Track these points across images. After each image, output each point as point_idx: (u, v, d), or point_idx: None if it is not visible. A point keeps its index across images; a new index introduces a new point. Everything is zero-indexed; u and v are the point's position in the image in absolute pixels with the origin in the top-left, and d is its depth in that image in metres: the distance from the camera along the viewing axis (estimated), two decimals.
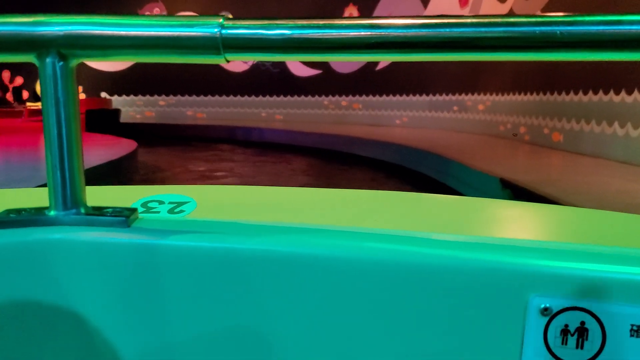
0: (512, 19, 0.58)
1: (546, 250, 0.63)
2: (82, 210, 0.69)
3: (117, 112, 13.48)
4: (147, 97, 16.07)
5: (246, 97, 15.37)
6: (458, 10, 11.22)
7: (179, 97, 15.85)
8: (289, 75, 14.82)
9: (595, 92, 6.64)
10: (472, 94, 10.43)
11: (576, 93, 7.07)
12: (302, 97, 14.76)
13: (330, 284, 0.64)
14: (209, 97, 15.64)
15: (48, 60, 0.64)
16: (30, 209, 0.70)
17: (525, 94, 8.52)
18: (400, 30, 0.60)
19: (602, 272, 0.59)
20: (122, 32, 0.63)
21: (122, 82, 15.91)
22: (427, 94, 12.09)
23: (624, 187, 4.74)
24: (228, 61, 0.64)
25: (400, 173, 7.85)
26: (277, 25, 0.62)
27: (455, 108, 11.13)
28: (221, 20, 0.62)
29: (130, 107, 16.05)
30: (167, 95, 15.91)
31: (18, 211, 0.69)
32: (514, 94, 8.93)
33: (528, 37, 0.57)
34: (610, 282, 0.58)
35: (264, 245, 0.66)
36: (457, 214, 0.89)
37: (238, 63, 15.11)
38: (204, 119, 15.36)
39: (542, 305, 0.59)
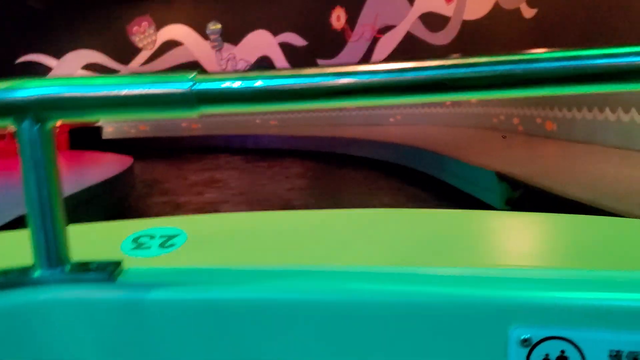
0: (473, 60, 0.59)
1: (524, 280, 0.64)
2: (67, 268, 0.70)
3: (99, 129, 13.69)
4: None
5: None
6: (444, 7, 11.25)
7: None
8: None
9: None
10: None
11: None
12: None
13: (317, 326, 0.65)
14: None
15: (25, 124, 0.65)
16: (16, 269, 0.70)
17: None
18: (365, 77, 0.61)
19: (580, 299, 0.60)
20: (97, 92, 0.65)
21: None
22: None
23: (620, 173, 4.76)
24: (202, 115, 0.66)
25: (396, 171, 7.86)
26: (248, 77, 0.63)
27: (448, 103, 11.14)
28: (193, 75, 0.64)
29: (124, 122, 16.03)
30: None
31: (4, 273, 0.70)
32: None
33: (489, 77, 0.59)
34: (587, 309, 0.59)
35: (250, 294, 0.67)
36: (437, 237, 0.89)
37: (229, 70, 15.09)
38: (199, 129, 15.35)
39: (522, 337, 0.60)
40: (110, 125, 15.91)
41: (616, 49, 0.57)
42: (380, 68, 0.61)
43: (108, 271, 0.70)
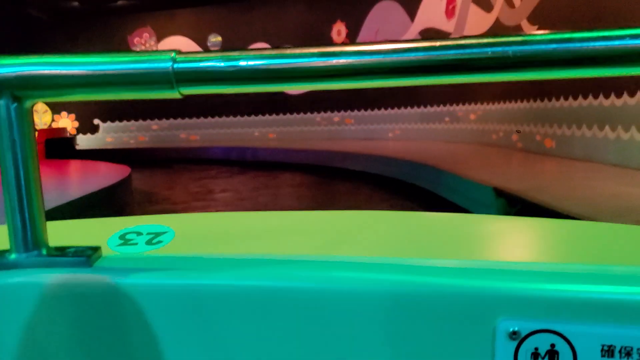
0: (463, 42, 0.57)
1: (513, 272, 0.62)
2: (44, 252, 0.68)
3: (72, 139, 14.41)
4: (140, 121, 16.09)
5: (239, 118, 15.41)
6: (445, 23, 11.30)
7: (171, 120, 15.88)
8: (279, 93, 14.87)
9: (585, 97, 6.67)
10: (463, 104, 10.47)
11: (566, 98, 7.10)
12: (295, 115, 14.80)
13: (301, 316, 0.63)
14: (202, 119, 15.67)
15: (1, 102, 0.64)
16: None
17: (516, 101, 8.55)
18: (351, 58, 0.59)
19: (570, 292, 0.58)
20: (75, 71, 0.63)
21: (114, 108, 15.94)
22: (418, 106, 12.13)
23: (617, 190, 4.74)
24: (182, 95, 0.64)
25: (394, 186, 7.85)
26: (230, 57, 0.61)
27: (446, 119, 11.16)
28: (173, 54, 0.62)
29: (123, 133, 16.08)
30: (159, 119, 15.94)
31: None
32: (504, 102, 8.97)
33: (481, 59, 0.57)
34: (578, 302, 0.57)
35: (231, 280, 0.65)
36: (428, 236, 0.88)
37: None
38: (198, 141, 15.38)
39: (511, 329, 0.58)
40: (110, 136, 15.97)
41: (621, 31, 0.55)
42: (366, 48, 0.59)
43: (86, 255, 0.68)
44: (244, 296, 0.64)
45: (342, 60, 0.59)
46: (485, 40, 0.57)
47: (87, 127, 16.17)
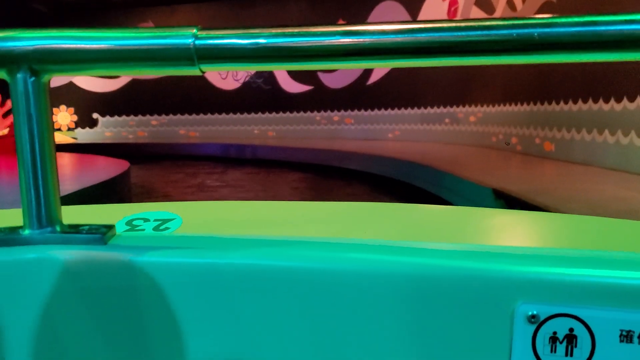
0: (488, 23, 0.57)
1: (532, 257, 0.62)
2: (58, 229, 0.67)
3: None
4: (139, 117, 16.06)
5: (238, 115, 15.39)
6: None
7: (170, 116, 15.86)
8: (280, 91, 14.86)
9: (585, 101, 6.67)
10: (463, 106, 10.47)
11: (566, 102, 7.10)
12: (294, 113, 14.78)
13: (315, 296, 0.62)
14: (201, 116, 15.65)
15: (19, 76, 0.63)
16: (4, 228, 0.68)
17: (516, 104, 8.56)
18: (375, 37, 0.59)
19: (590, 277, 0.57)
20: (94, 45, 0.62)
21: (114, 103, 15.92)
22: (419, 107, 12.13)
23: (617, 194, 4.75)
24: (203, 72, 0.63)
25: (392, 186, 7.85)
26: (252, 34, 0.61)
27: (447, 120, 11.16)
28: (195, 30, 0.62)
29: (122, 128, 16.05)
30: (159, 114, 15.91)
31: None
32: (504, 105, 8.97)
33: (506, 41, 0.56)
34: (597, 287, 0.57)
35: (246, 259, 0.64)
36: (445, 223, 0.88)
37: (229, 81, 15.15)
38: (197, 138, 15.36)
39: (530, 313, 0.57)
40: (109, 130, 15.94)
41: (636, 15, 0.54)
42: (392, 28, 0.59)
43: (100, 233, 0.67)
44: (258, 275, 0.63)
45: (365, 39, 0.59)
46: (510, 22, 0.56)
47: (85, 121, 16.14)
